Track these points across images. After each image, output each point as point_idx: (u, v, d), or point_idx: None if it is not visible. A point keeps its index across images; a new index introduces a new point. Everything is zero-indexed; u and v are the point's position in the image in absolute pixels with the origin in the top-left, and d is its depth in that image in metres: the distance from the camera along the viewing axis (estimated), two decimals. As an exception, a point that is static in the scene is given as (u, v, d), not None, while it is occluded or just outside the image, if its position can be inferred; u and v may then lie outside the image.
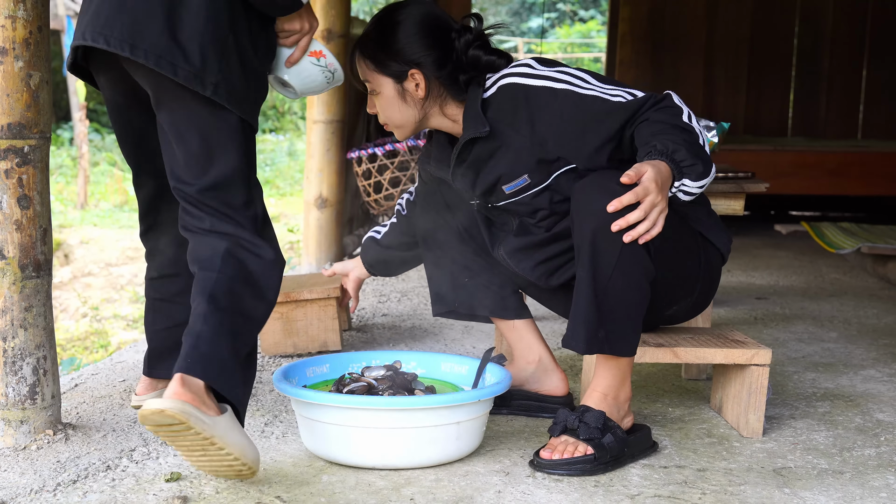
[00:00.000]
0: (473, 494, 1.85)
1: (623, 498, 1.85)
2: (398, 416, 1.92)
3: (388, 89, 2.15)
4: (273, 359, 2.88)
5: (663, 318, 2.24)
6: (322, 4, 4.47)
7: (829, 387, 2.66)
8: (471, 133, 2.13)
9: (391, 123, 2.20)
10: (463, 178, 2.21)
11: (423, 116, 2.19)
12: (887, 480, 1.97)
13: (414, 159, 4.47)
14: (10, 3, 1.96)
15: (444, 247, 2.36)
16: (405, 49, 2.12)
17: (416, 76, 2.13)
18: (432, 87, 2.15)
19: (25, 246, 2.04)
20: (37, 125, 2.03)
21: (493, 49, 2.18)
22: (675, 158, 1.93)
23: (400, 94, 2.15)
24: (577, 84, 2.09)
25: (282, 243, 8.36)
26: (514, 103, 2.11)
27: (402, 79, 2.14)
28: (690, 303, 2.20)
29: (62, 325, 7.13)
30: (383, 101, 2.17)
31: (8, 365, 2.06)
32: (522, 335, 2.36)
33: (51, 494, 1.83)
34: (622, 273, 1.94)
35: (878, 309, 3.80)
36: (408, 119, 2.18)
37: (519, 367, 2.35)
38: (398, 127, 2.21)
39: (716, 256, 2.19)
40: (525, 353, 2.35)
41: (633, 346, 2.01)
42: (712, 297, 2.26)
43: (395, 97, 2.16)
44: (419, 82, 2.14)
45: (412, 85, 2.14)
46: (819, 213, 7.04)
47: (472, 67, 2.15)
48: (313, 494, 1.84)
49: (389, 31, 2.14)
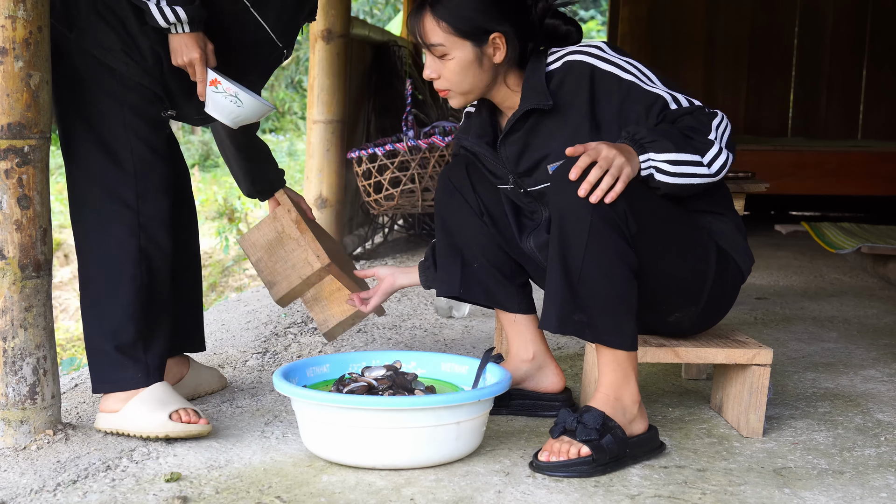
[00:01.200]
0: (473, 494, 1.85)
1: (623, 498, 1.85)
2: (398, 416, 1.92)
3: (466, 53, 2.08)
4: (273, 358, 2.88)
5: (666, 324, 2.20)
6: (322, 4, 4.47)
7: (829, 387, 2.66)
8: (532, 103, 2.08)
9: (456, 90, 2.12)
10: (510, 148, 2.17)
11: (491, 83, 2.12)
12: (887, 480, 1.97)
13: (414, 159, 4.47)
14: (10, 3, 1.96)
15: (461, 227, 2.29)
16: (489, 11, 2.06)
17: (497, 40, 2.07)
18: (509, 53, 2.09)
19: (25, 246, 2.04)
20: (37, 125, 2.03)
21: (570, 19, 2.13)
22: (636, 137, 1.94)
23: (478, 58, 2.08)
24: (643, 79, 2.07)
25: (282, 243, 8.35)
26: (579, 82, 2.07)
27: (483, 42, 2.07)
28: (696, 313, 2.15)
29: (62, 325, 7.13)
30: (455, 65, 2.08)
31: (8, 365, 2.06)
32: (521, 330, 2.33)
33: (51, 494, 1.83)
34: (595, 254, 1.92)
35: (878, 309, 3.80)
36: (477, 85, 2.11)
37: (514, 364, 2.33)
38: (464, 93, 2.13)
39: (734, 272, 2.16)
40: (520, 351, 2.33)
41: (624, 339, 1.98)
42: (725, 312, 2.22)
43: (471, 62, 2.08)
44: (500, 47, 2.08)
45: (491, 49, 2.08)
46: (819, 213, 7.04)
47: (548, 36, 2.11)
48: (313, 494, 1.84)
49: None
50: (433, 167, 4.48)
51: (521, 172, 2.18)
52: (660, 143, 1.94)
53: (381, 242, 5.55)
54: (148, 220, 2.13)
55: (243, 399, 2.45)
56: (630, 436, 2.01)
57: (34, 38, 2.00)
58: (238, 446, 2.10)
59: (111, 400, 2.14)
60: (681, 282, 2.11)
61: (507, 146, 2.17)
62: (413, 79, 5.49)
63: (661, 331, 2.23)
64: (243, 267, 7.93)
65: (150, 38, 2.10)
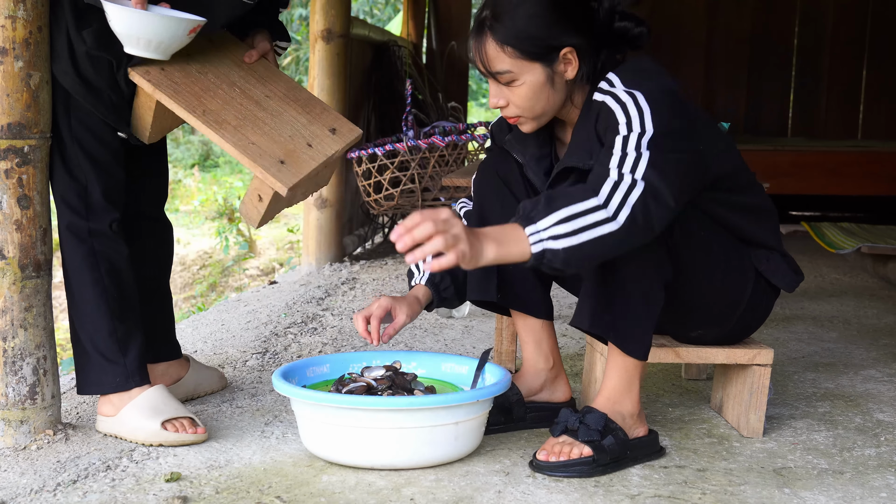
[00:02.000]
0: (473, 494, 1.85)
1: (623, 498, 1.85)
2: (398, 416, 1.92)
3: (536, 76, 1.90)
4: (273, 358, 2.88)
5: (688, 337, 2.18)
6: (322, 4, 4.48)
7: (829, 387, 2.65)
8: (573, 161, 1.92)
9: (528, 115, 1.95)
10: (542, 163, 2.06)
11: (565, 101, 1.95)
12: (887, 480, 1.97)
13: (414, 159, 4.47)
14: (10, 3, 1.96)
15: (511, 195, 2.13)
16: (556, 24, 1.88)
17: (569, 55, 1.90)
18: (582, 67, 1.92)
19: (25, 246, 2.04)
20: (37, 125, 2.03)
21: (640, 19, 1.95)
22: (522, 211, 1.75)
23: (549, 78, 1.91)
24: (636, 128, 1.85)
25: (282, 243, 8.35)
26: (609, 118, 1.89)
27: (554, 61, 1.90)
28: (721, 333, 2.16)
29: (62, 325, 7.12)
30: (526, 90, 1.91)
31: (8, 365, 2.06)
32: (541, 339, 2.25)
33: (51, 494, 1.83)
34: (634, 261, 1.90)
35: (878, 309, 3.80)
36: (552, 106, 1.95)
37: (532, 374, 2.26)
38: (537, 118, 1.96)
39: (769, 300, 2.16)
40: (539, 360, 2.26)
41: (640, 348, 1.98)
42: (749, 334, 2.21)
43: (543, 84, 1.91)
44: (571, 62, 1.91)
45: (562, 66, 1.91)
46: (819, 213, 7.04)
47: (619, 41, 1.94)
48: (313, 494, 1.84)
49: (528, 7, 1.88)
50: (433, 167, 4.48)
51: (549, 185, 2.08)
52: (545, 207, 1.74)
53: (381, 242, 5.56)
54: (97, 230, 2.11)
55: (243, 399, 2.45)
56: (631, 438, 2.01)
57: (34, 38, 2.00)
58: (238, 446, 2.10)
59: (105, 404, 2.15)
60: (713, 305, 2.09)
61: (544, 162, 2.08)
62: (413, 79, 5.50)
63: (681, 340, 2.21)
64: (243, 267, 7.93)
65: (87, 42, 2.02)
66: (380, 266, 4.69)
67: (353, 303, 3.78)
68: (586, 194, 1.77)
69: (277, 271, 7.59)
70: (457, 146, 4.45)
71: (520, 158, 2.11)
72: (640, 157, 1.80)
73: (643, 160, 1.79)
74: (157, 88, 2.00)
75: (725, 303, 2.10)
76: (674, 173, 1.81)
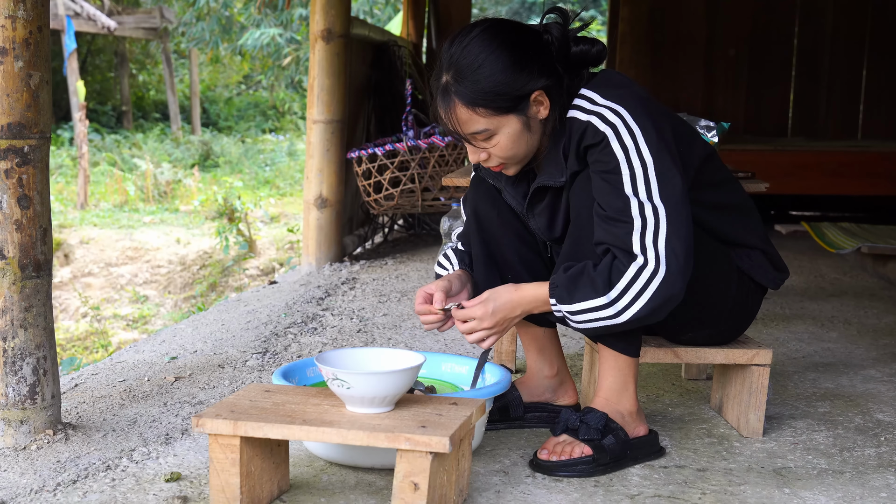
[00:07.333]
0: (473, 494, 1.85)
1: (623, 498, 1.85)
2: (398, 416, 1.91)
3: (513, 126, 1.90)
4: (273, 358, 2.88)
5: (679, 340, 2.19)
6: (322, 4, 4.48)
7: (829, 387, 2.66)
8: (543, 180, 1.98)
9: (511, 161, 1.97)
10: (538, 220, 2.08)
11: (542, 137, 1.96)
12: (887, 480, 1.97)
13: (414, 159, 4.47)
14: (10, 3, 1.96)
15: (501, 242, 2.15)
16: (520, 73, 1.87)
17: (539, 98, 1.90)
18: (554, 103, 1.93)
19: (25, 246, 2.04)
20: (37, 125, 2.03)
21: (593, 39, 1.96)
22: (553, 281, 1.91)
23: (525, 124, 1.92)
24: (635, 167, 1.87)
25: (282, 243, 8.36)
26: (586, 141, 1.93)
27: (526, 107, 1.90)
28: (711, 334, 2.17)
29: (62, 325, 7.14)
30: (506, 140, 1.92)
31: (8, 365, 2.06)
32: (546, 345, 2.27)
33: (51, 494, 1.83)
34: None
35: (878, 309, 3.80)
36: (533, 147, 1.96)
37: (537, 381, 2.28)
38: (520, 161, 1.98)
39: (756, 299, 2.16)
40: (544, 367, 2.27)
41: (629, 346, 2.00)
42: (741, 332, 2.22)
43: (521, 131, 1.92)
44: (542, 102, 1.91)
45: (535, 109, 1.92)
46: (819, 213, 7.04)
47: (580, 65, 1.95)
48: (313, 494, 1.84)
49: (489, 65, 1.86)
50: (433, 167, 4.48)
51: (557, 238, 2.08)
52: (562, 292, 1.89)
53: (381, 242, 5.56)
54: None
55: (243, 399, 2.45)
56: (632, 437, 2.02)
57: (34, 38, 2.00)
58: (238, 446, 2.09)
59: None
60: (699, 307, 2.08)
61: (535, 218, 2.08)
62: (413, 79, 5.50)
63: (675, 343, 2.21)
64: (243, 267, 7.94)
65: None
66: (380, 266, 4.69)
67: (353, 303, 3.79)
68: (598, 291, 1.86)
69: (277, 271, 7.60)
70: (457, 146, 4.46)
71: (497, 185, 2.13)
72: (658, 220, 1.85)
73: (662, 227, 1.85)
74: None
75: (711, 304, 2.10)
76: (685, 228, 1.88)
